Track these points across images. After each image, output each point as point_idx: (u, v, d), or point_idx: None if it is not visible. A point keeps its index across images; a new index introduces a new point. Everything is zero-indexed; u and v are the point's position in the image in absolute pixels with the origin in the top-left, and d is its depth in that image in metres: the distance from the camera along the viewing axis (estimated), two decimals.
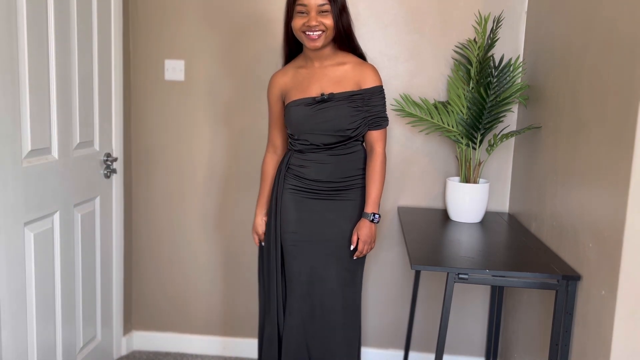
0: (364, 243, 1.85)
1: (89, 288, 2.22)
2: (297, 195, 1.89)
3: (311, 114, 1.84)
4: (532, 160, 2.13)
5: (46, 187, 1.87)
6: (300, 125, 1.86)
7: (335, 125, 1.82)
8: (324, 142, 1.86)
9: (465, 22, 2.34)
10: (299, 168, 1.90)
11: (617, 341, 1.36)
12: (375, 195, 1.87)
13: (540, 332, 1.95)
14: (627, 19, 1.38)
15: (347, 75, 1.85)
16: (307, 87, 1.86)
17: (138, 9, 2.46)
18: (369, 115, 1.86)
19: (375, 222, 1.87)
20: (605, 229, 1.44)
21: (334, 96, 1.83)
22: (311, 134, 1.86)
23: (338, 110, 1.82)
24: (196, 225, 2.59)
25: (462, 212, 2.21)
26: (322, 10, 1.76)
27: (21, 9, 1.67)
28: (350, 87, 1.84)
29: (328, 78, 1.85)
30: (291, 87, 1.90)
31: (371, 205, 1.86)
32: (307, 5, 1.75)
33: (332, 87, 1.84)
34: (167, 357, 2.62)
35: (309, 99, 1.84)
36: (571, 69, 1.77)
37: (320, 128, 1.84)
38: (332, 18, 1.77)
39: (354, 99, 1.84)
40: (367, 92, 1.85)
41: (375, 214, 1.86)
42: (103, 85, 2.23)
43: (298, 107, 1.85)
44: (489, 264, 1.67)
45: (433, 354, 2.55)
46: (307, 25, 1.76)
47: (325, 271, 1.88)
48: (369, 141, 1.90)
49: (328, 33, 1.79)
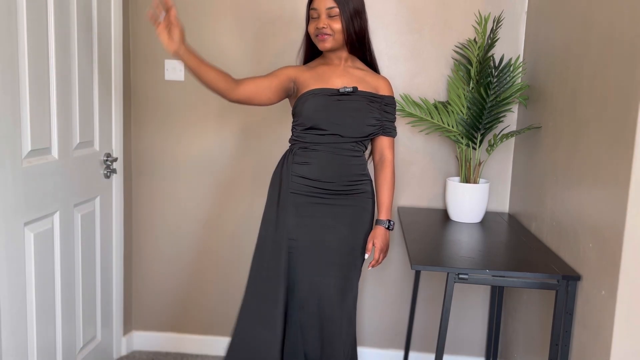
0: (380, 250, 1.84)
1: (89, 288, 2.22)
2: (300, 198, 1.84)
3: (332, 103, 1.82)
4: (532, 160, 2.13)
5: (46, 187, 1.87)
6: (317, 113, 1.81)
7: (355, 118, 1.82)
8: (332, 140, 1.82)
9: (465, 22, 2.34)
10: (302, 165, 1.84)
11: (617, 341, 1.36)
12: (389, 202, 1.87)
13: (540, 332, 1.95)
14: (627, 19, 1.38)
15: (366, 79, 1.88)
16: (328, 79, 1.86)
17: (138, 9, 2.46)
18: (385, 121, 1.88)
19: (390, 229, 1.87)
20: (605, 229, 1.44)
21: (357, 91, 1.84)
22: (328, 125, 1.81)
23: (359, 105, 1.83)
24: (196, 225, 2.59)
25: (462, 212, 2.21)
26: (331, 15, 1.78)
27: (21, 9, 1.67)
28: (369, 89, 1.87)
29: (350, 75, 1.87)
30: (309, 78, 1.87)
31: (385, 212, 1.87)
32: (317, 9, 1.80)
33: (355, 84, 1.85)
34: (167, 357, 2.62)
35: (332, 89, 1.84)
36: (571, 69, 1.77)
37: (338, 119, 1.81)
38: (340, 22, 1.78)
39: (374, 101, 1.86)
40: (385, 99, 1.89)
41: (391, 220, 1.87)
42: (103, 85, 2.23)
43: (318, 96, 1.82)
44: (489, 264, 1.67)
45: (433, 354, 2.55)
46: (316, 27, 1.81)
47: (323, 278, 1.82)
48: (380, 148, 1.91)
49: (337, 36, 1.80)
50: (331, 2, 1.76)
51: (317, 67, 1.91)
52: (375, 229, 1.86)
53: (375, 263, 1.85)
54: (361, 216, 1.88)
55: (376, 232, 1.85)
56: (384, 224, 1.86)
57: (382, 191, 1.88)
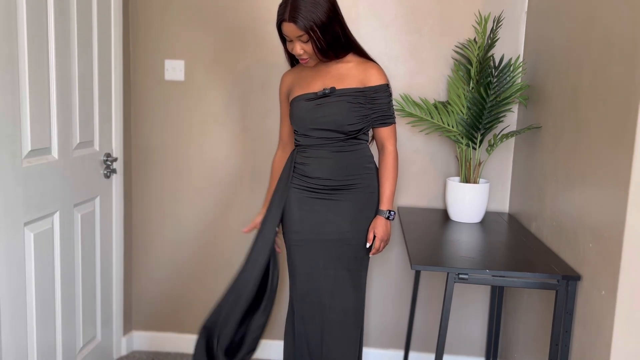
0: (380, 240, 1.87)
1: (89, 288, 2.22)
2: (301, 194, 1.90)
3: (311, 108, 1.85)
4: (532, 160, 2.13)
5: (46, 187, 1.87)
6: (302, 120, 1.87)
7: (334, 120, 1.83)
8: (325, 137, 1.86)
9: (465, 22, 2.34)
10: (301, 166, 1.91)
11: (617, 341, 1.36)
12: (389, 192, 1.89)
13: (540, 332, 1.95)
14: (627, 19, 1.38)
15: (350, 73, 1.86)
16: (310, 82, 1.89)
17: (138, 9, 2.46)
18: (374, 113, 1.86)
19: (390, 219, 1.89)
20: (605, 229, 1.44)
21: (335, 91, 1.84)
22: (312, 129, 1.87)
23: (338, 106, 1.83)
24: (196, 224, 2.59)
25: (462, 212, 2.21)
26: (302, 40, 1.77)
27: (21, 9, 1.67)
28: (354, 84, 1.85)
29: (331, 75, 1.87)
30: (295, 84, 1.93)
31: (386, 203, 1.89)
32: (287, 35, 1.78)
33: (334, 84, 1.85)
34: (167, 357, 2.62)
35: (310, 94, 1.86)
36: (571, 69, 1.77)
37: (319, 122, 1.85)
38: (312, 45, 1.77)
39: (356, 96, 1.84)
40: (371, 89, 1.85)
41: (391, 211, 1.89)
42: (103, 85, 2.23)
43: (299, 102, 1.88)
44: (489, 264, 1.67)
45: (433, 354, 2.55)
46: (293, 51, 1.81)
47: (324, 271, 1.89)
48: (379, 139, 1.91)
49: (314, 57, 1.82)
50: (298, 30, 1.73)
51: (302, 70, 1.95)
52: (376, 219, 1.89)
53: (375, 251, 1.89)
54: (363, 211, 1.90)
55: (377, 222, 1.88)
56: (384, 214, 1.88)
57: (383, 182, 1.90)
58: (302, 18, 1.70)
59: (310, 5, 1.71)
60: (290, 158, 1.96)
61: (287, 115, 2.00)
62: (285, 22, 1.73)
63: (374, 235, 1.87)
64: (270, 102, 2.45)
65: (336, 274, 1.89)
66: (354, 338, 1.94)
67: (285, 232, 1.94)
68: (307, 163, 1.90)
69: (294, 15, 1.70)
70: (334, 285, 1.88)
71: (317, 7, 1.71)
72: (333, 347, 1.91)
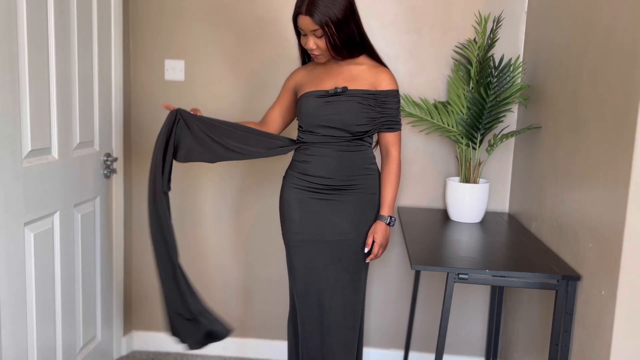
0: (379, 246, 1.86)
1: (89, 288, 2.22)
2: (301, 194, 1.90)
3: (321, 105, 1.85)
4: (532, 160, 2.13)
5: (46, 187, 1.87)
6: (310, 116, 1.86)
7: (343, 119, 1.83)
8: (330, 135, 1.86)
9: (465, 22, 2.34)
10: (302, 164, 1.90)
11: (617, 341, 1.36)
12: (391, 198, 1.88)
13: (540, 332, 1.95)
14: (627, 19, 1.38)
15: (362, 75, 1.87)
16: (321, 81, 1.89)
17: (138, 9, 2.46)
18: (382, 117, 1.87)
19: (391, 225, 1.89)
20: (605, 229, 1.44)
21: (347, 91, 1.84)
22: (319, 126, 1.86)
23: (348, 105, 1.83)
24: (196, 224, 2.59)
25: (462, 212, 2.21)
26: (317, 35, 1.77)
27: (21, 9, 1.67)
28: (365, 86, 1.86)
29: (343, 75, 1.87)
30: (306, 81, 1.93)
31: (387, 208, 1.88)
32: (303, 29, 1.79)
33: (346, 84, 1.85)
34: (167, 357, 2.62)
35: (321, 91, 1.86)
36: (571, 69, 1.78)
37: (327, 120, 1.84)
38: (325, 41, 1.77)
39: (367, 98, 1.84)
40: (382, 93, 1.85)
41: (392, 217, 1.88)
42: (103, 85, 2.23)
43: (309, 98, 1.87)
44: (489, 264, 1.67)
45: (433, 354, 2.55)
46: (306, 46, 1.82)
47: (324, 271, 1.88)
48: (384, 144, 1.91)
49: (326, 53, 1.82)
50: (313, 24, 1.73)
51: (314, 68, 1.95)
52: (376, 224, 1.88)
53: (373, 257, 1.87)
54: (364, 212, 1.89)
55: (377, 227, 1.87)
56: (384, 220, 1.88)
57: (385, 187, 1.89)
58: (318, 12, 1.71)
59: (328, 0, 1.72)
60: (292, 158, 1.96)
61: (281, 105, 2.02)
62: (302, 15, 1.74)
63: (372, 241, 1.86)
64: (271, 102, 2.44)
65: (336, 275, 1.88)
66: (353, 340, 1.93)
67: (285, 233, 1.93)
68: (309, 161, 1.89)
69: (310, 8, 1.71)
70: (334, 286, 1.88)
71: (334, 3, 1.73)
72: (333, 349, 1.90)
